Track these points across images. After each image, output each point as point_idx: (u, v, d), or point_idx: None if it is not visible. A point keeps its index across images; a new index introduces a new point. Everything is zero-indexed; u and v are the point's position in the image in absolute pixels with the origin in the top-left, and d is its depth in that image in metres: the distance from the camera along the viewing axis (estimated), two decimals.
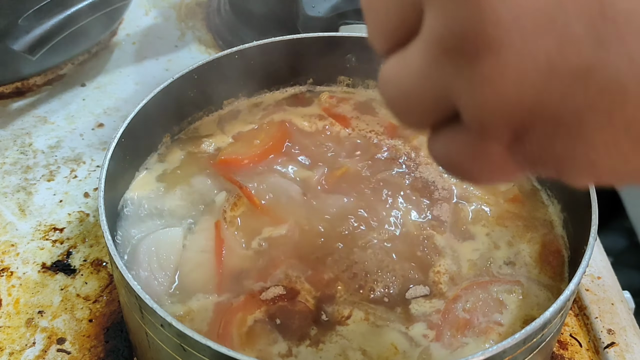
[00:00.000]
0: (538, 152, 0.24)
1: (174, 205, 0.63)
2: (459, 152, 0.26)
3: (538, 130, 0.24)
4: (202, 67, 0.66)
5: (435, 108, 0.26)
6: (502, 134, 0.24)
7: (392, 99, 0.27)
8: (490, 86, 0.23)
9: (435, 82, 0.25)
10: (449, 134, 0.26)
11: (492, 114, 0.24)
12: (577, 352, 0.64)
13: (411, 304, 0.55)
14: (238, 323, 0.54)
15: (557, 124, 0.23)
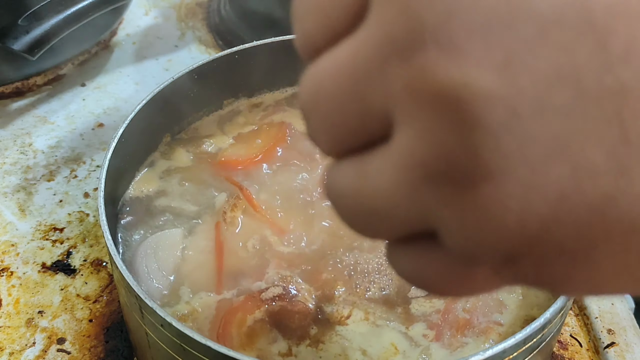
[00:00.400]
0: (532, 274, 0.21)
1: (174, 206, 0.63)
2: (433, 271, 0.23)
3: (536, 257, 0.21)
4: (202, 67, 0.66)
5: (404, 228, 0.22)
6: (492, 261, 0.21)
7: (347, 213, 0.23)
8: (485, 218, 0.20)
9: (408, 205, 0.21)
10: (420, 250, 0.23)
11: (484, 244, 0.20)
12: (577, 352, 0.64)
13: (411, 304, 0.55)
14: (238, 323, 0.54)
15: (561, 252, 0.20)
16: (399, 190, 0.21)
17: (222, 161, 0.65)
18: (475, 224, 0.20)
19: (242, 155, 0.65)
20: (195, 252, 0.59)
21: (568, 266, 0.21)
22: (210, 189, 0.64)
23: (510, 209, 0.19)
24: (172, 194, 0.63)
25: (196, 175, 0.65)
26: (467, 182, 0.19)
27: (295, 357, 0.52)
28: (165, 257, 0.58)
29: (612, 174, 0.19)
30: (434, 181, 0.20)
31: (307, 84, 0.23)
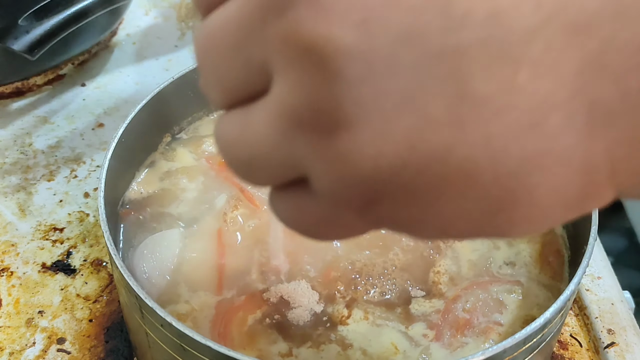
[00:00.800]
0: (387, 217, 0.24)
1: (174, 206, 0.63)
2: (306, 215, 0.25)
3: (390, 200, 0.23)
4: None
5: (280, 174, 0.25)
6: (355, 203, 0.24)
7: (231, 159, 0.26)
8: (345, 162, 0.22)
9: (282, 152, 0.24)
10: (295, 196, 0.25)
11: (346, 187, 0.23)
12: (577, 352, 0.64)
13: (411, 304, 0.55)
14: (239, 322, 0.54)
15: (411, 195, 0.23)
16: (273, 137, 0.23)
17: (222, 162, 0.65)
18: (337, 169, 0.23)
19: None
20: (194, 252, 0.59)
21: (418, 210, 0.24)
22: (211, 189, 0.64)
23: (366, 154, 0.22)
24: (172, 195, 0.63)
25: (196, 176, 0.65)
26: (329, 129, 0.22)
27: (296, 358, 0.52)
28: (164, 258, 0.58)
29: (451, 126, 0.22)
30: (302, 129, 0.23)
31: (199, 37, 0.25)
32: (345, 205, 0.24)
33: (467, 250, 0.59)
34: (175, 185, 0.64)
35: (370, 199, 0.23)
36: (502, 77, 0.21)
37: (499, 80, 0.21)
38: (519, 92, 0.21)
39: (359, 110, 0.21)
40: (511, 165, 0.22)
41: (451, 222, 0.24)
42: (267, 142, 0.24)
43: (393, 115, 0.22)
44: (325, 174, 0.23)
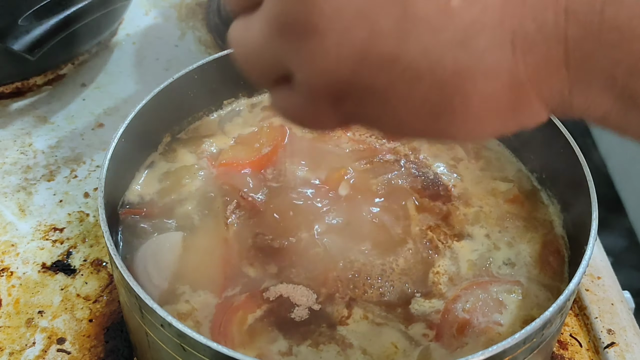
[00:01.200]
0: (354, 112, 0.30)
1: (175, 207, 0.63)
2: (293, 106, 0.32)
3: (353, 97, 0.29)
4: (202, 67, 0.66)
5: (271, 69, 0.31)
6: (325, 97, 0.30)
7: (237, 55, 0.33)
8: (315, 61, 0.29)
9: (271, 50, 0.30)
10: (285, 90, 0.32)
11: (316, 83, 0.29)
12: (577, 352, 0.64)
13: (411, 304, 0.55)
14: (238, 321, 0.54)
15: (368, 94, 0.29)
16: (262, 38, 0.30)
17: (222, 164, 0.65)
18: (309, 66, 0.29)
19: (242, 158, 0.65)
20: (195, 253, 0.59)
21: (376, 107, 0.30)
22: (212, 190, 0.64)
23: (330, 56, 0.28)
24: (172, 195, 0.63)
25: (197, 177, 0.65)
26: (302, 34, 0.28)
27: (296, 357, 0.52)
28: (165, 260, 0.58)
29: (396, 39, 0.27)
30: (283, 32, 0.29)
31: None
32: (318, 97, 0.30)
33: (467, 250, 0.59)
34: (175, 186, 0.64)
35: (337, 94, 0.30)
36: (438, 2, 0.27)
37: (436, 3, 0.27)
38: (452, 15, 0.27)
39: (325, 21, 0.27)
40: (446, 74, 0.28)
41: (404, 120, 0.30)
42: (258, 41, 0.31)
43: (350, 26, 0.27)
44: (301, 70, 0.29)
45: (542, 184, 0.65)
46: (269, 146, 0.66)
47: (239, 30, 0.32)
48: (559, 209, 0.63)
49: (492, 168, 0.67)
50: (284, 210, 0.62)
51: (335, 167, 0.65)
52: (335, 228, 0.60)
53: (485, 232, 0.61)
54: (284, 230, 0.60)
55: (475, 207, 0.63)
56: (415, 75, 0.28)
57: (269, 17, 0.29)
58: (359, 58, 0.28)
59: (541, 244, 0.60)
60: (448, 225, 0.61)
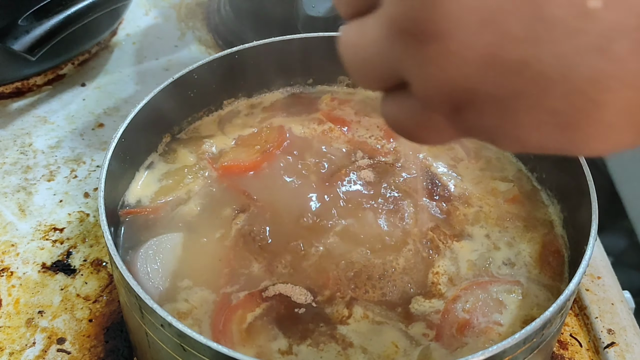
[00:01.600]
0: (473, 123, 0.28)
1: (175, 207, 0.63)
2: (406, 116, 0.30)
3: (474, 107, 0.27)
4: (202, 67, 0.66)
5: (386, 76, 0.29)
6: (443, 106, 0.28)
7: (349, 61, 0.31)
8: (435, 68, 0.26)
9: (387, 55, 0.28)
10: (398, 98, 0.30)
11: (436, 90, 0.27)
12: (577, 352, 0.64)
13: (411, 304, 0.55)
14: (238, 319, 0.54)
15: (491, 103, 0.27)
16: (380, 42, 0.28)
17: (223, 166, 0.65)
18: (429, 72, 0.27)
19: (243, 160, 0.65)
20: (195, 253, 0.59)
21: (498, 117, 0.27)
22: (213, 191, 0.64)
23: (453, 62, 0.26)
24: (172, 195, 0.63)
25: (197, 177, 0.65)
26: (424, 38, 0.26)
27: (296, 356, 0.52)
28: (166, 260, 0.58)
29: (527, 43, 0.25)
30: (402, 36, 0.27)
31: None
32: (435, 107, 0.28)
33: (467, 250, 0.59)
34: (175, 186, 0.64)
35: (456, 103, 0.27)
36: (575, 2, 0.24)
37: (573, 5, 0.24)
38: (590, 18, 0.24)
39: (449, 24, 0.25)
40: (580, 83, 0.25)
41: (528, 132, 0.27)
42: (375, 45, 0.29)
43: (477, 30, 0.25)
44: (419, 77, 0.27)
45: (542, 184, 0.65)
46: (269, 147, 0.66)
47: (351, 35, 0.31)
48: (559, 209, 0.63)
49: (492, 168, 0.67)
50: (284, 211, 0.62)
51: (336, 167, 0.65)
52: (336, 228, 0.60)
53: (485, 232, 0.61)
54: (285, 230, 0.60)
55: (475, 207, 0.63)
56: (546, 83, 0.25)
57: (387, 20, 0.28)
58: (485, 64, 0.26)
59: (541, 244, 0.60)
60: (448, 225, 0.61)
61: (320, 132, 0.70)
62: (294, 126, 0.70)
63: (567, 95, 0.26)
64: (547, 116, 0.26)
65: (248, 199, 0.62)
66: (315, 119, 0.71)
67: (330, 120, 0.71)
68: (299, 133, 0.69)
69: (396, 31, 0.27)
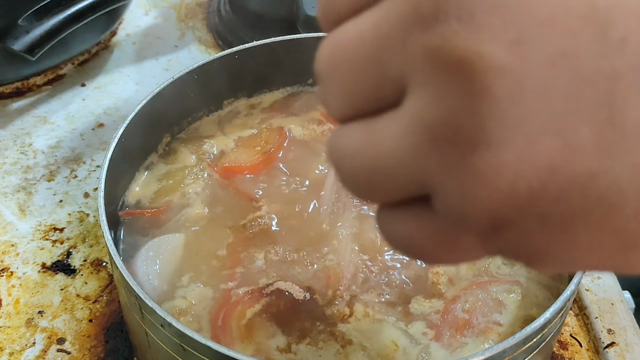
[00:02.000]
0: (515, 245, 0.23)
1: (175, 207, 0.63)
2: (423, 234, 0.24)
3: (520, 226, 0.22)
4: (202, 67, 0.66)
5: (402, 189, 0.24)
6: (479, 226, 0.22)
7: (350, 172, 0.25)
8: (481, 182, 0.21)
9: (411, 166, 0.23)
10: (412, 213, 0.24)
11: (476, 209, 0.22)
12: (577, 352, 0.64)
13: (411, 303, 0.55)
14: (237, 316, 0.54)
15: (544, 223, 0.22)
16: (404, 151, 0.22)
17: (224, 167, 0.65)
18: (470, 188, 0.22)
19: (244, 162, 0.65)
20: (196, 254, 0.59)
21: (548, 238, 0.22)
22: (213, 192, 0.64)
23: (504, 175, 0.21)
24: (173, 196, 0.63)
25: (198, 178, 0.65)
26: (468, 147, 0.21)
27: (295, 355, 0.52)
28: (166, 261, 0.58)
29: (598, 153, 0.21)
30: (439, 144, 0.22)
31: (327, 48, 0.24)
32: (469, 227, 0.23)
33: None
34: (176, 187, 0.64)
35: (498, 223, 0.22)
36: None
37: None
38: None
39: (503, 130, 0.21)
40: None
41: (580, 255, 0.23)
42: (395, 155, 0.23)
43: (539, 137, 0.21)
44: (455, 193, 0.22)
45: None
46: (270, 148, 0.66)
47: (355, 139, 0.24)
48: None
49: None
50: (285, 211, 0.62)
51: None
52: (338, 228, 0.60)
53: None
54: (286, 230, 0.60)
55: None
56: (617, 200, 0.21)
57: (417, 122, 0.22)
58: (544, 178, 0.21)
59: None
60: None
61: (320, 133, 0.70)
62: (294, 127, 0.70)
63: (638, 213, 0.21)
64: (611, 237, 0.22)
65: (249, 200, 0.62)
66: (314, 120, 0.71)
67: (330, 121, 0.71)
68: (299, 134, 0.69)
69: (428, 137, 0.22)
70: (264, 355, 0.52)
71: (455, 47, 0.20)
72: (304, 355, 0.52)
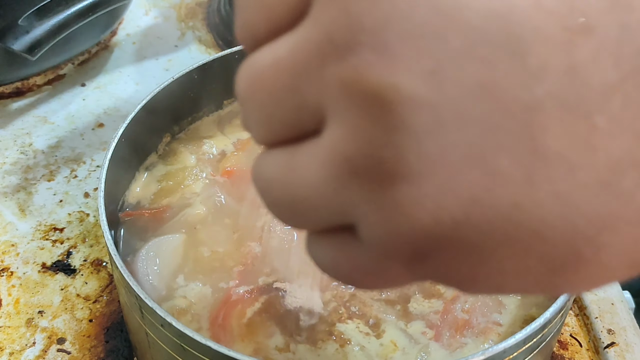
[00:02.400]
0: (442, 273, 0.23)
1: (175, 208, 0.63)
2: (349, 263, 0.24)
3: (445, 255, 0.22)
4: (202, 67, 0.66)
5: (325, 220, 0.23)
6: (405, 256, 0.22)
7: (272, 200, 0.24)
8: (402, 214, 0.21)
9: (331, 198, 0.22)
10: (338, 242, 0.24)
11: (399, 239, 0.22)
12: (577, 352, 0.64)
13: (410, 303, 0.55)
14: (238, 314, 0.54)
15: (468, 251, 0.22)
16: (323, 183, 0.22)
17: (226, 171, 0.65)
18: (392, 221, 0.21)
19: (245, 165, 0.65)
20: (196, 255, 0.59)
21: (473, 266, 0.22)
22: (213, 194, 0.64)
23: (425, 208, 0.21)
24: (173, 196, 0.64)
25: (198, 179, 0.65)
26: (388, 180, 0.21)
27: (294, 354, 0.52)
28: (166, 261, 0.58)
29: (520, 182, 0.20)
30: (357, 177, 0.21)
31: (245, 74, 0.24)
32: (394, 257, 0.22)
33: None
34: (176, 187, 0.64)
35: (423, 253, 0.22)
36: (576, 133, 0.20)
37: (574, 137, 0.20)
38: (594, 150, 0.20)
39: (422, 163, 0.20)
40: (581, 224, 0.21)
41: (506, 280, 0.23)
42: (314, 186, 0.22)
43: (459, 169, 0.20)
44: (378, 225, 0.22)
45: None
46: None
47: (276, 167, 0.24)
48: None
49: None
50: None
51: None
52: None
53: None
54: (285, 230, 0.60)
55: None
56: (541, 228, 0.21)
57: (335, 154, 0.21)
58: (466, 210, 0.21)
59: None
60: None
61: None
62: None
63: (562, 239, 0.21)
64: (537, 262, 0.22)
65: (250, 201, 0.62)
66: None
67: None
68: None
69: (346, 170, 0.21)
70: (263, 355, 0.52)
71: (369, 79, 0.20)
72: (302, 355, 0.52)
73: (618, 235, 0.22)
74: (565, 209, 0.21)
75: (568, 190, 0.21)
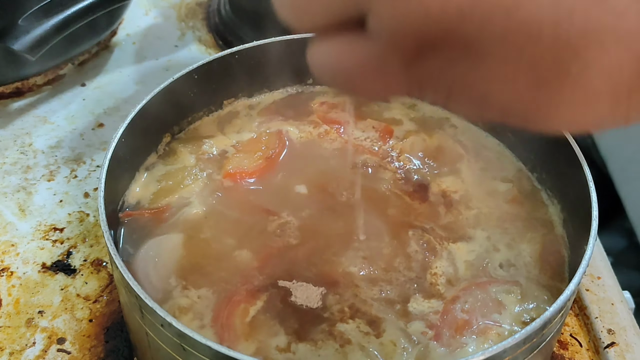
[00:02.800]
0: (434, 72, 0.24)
1: (175, 208, 0.63)
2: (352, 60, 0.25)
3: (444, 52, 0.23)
4: (202, 67, 0.66)
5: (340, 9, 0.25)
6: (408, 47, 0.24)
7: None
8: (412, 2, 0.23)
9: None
10: (345, 39, 0.25)
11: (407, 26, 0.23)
12: (577, 352, 0.64)
13: (410, 302, 0.55)
14: (241, 313, 0.54)
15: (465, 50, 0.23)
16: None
17: (228, 173, 0.65)
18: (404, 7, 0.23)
19: (246, 167, 0.65)
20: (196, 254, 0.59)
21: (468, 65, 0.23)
22: (213, 194, 0.64)
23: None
24: (172, 196, 0.63)
25: (198, 179, 0.65)
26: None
27: (294, 354, 0.52)
28: (166, 260, 0.58)
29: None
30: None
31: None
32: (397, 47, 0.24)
33: (464, 251, 0.59)
34: (176, 187, 0.64)
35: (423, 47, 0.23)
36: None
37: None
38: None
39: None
40: (572, 33, 0.22)
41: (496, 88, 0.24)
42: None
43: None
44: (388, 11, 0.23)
45: (542, 184, 0.65)
46: (271, 154, 0.67)
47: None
48: (559, 209, 0.63)
49: (492, 168, 0.67)
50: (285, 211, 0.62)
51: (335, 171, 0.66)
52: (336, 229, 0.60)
53: (486, 233, 0.61)
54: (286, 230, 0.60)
55: (475, 209, 0.63)
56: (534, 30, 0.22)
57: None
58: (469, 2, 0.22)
59: (541, 244, 0.60)
60: (447, 226, 0.61)
61: (316, 135, 0.70)
62: (291, 130, 0.70)
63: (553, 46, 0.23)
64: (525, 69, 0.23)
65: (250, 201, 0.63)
66: (312, 122, 0.71)
67: (326, 123, 0.71)
68: (296, 137, 0.69)
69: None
70: (264, 355, 0.52)
71: None
72: (302, 355, 0.52)
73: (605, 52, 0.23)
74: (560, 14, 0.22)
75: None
